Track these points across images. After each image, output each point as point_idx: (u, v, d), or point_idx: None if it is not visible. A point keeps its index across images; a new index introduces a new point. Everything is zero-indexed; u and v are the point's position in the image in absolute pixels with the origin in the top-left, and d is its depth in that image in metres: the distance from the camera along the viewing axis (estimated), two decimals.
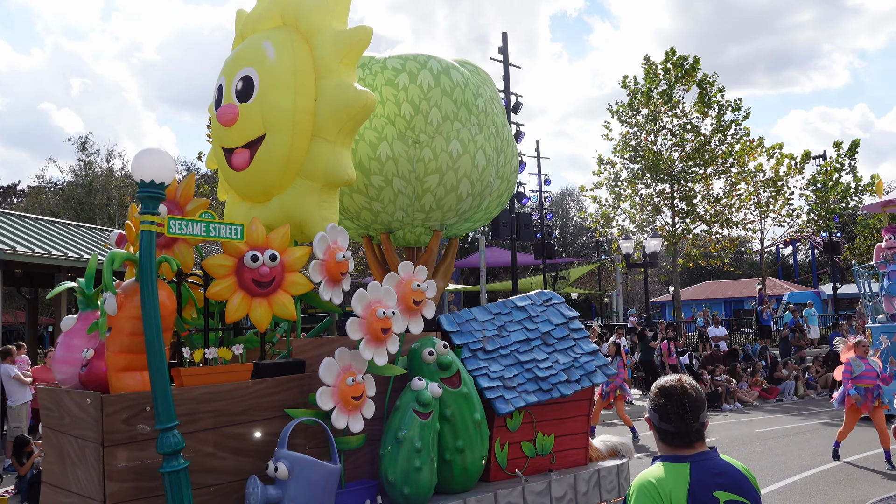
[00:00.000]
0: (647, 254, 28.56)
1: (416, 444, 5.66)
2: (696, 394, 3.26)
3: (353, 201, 7.95)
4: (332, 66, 6.03)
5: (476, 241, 42.86)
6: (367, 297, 5.64)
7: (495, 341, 7.04)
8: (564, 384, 6.90)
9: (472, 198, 7.98)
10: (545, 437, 6.99)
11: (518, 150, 23.04)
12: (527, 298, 7.74)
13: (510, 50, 23.55)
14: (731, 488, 3.09)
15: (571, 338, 7.41)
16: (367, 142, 7.62)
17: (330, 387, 5.45)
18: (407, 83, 7.61)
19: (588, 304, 54.72)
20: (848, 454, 13.13)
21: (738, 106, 30.48)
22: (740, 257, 49.40)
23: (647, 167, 30.66)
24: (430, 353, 6.13)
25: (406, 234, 8.48)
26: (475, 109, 7.88)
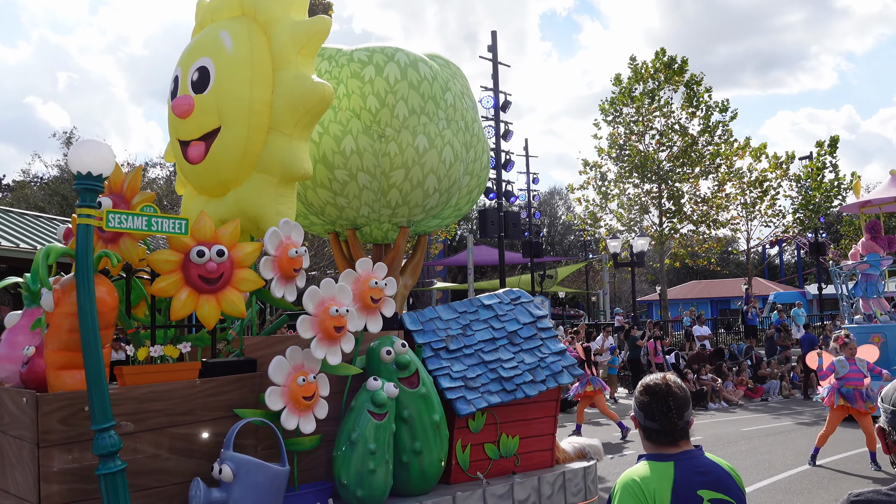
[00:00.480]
0: (635, 253, 28.41)
1: (370, 446, 5.49)
2: (680, 392, 3.22)
3: (318, 196, 7.80)
4: (289, 58, 5.86)
5: (464, 239, 42.67)
6: (319, 295, 5.47)
7: (459, 340, 6.87)
8: (529, 385, 6.74)
9: (439, 194, 7.83)
10: (509, 438, 6.83)
11: (509, 148, 23.08)
12: (494, 297, 7.58)
13: (499, 48, 23.34)
14: (715, 487, 3.07)
15: (538, 337, 7.25)
16: (332, 135, 7.47)
17: (280, 386, 5.28)
18: (373, 76, 7.45)
19: (575, 302, 54.69)
20: (831, 454, 13.03)
21: (725, 107, 30.43)
22: (727, 257, 49.38)
23: (634, 167, 30.52)
24: (388, 352, 5.97)
25: (373, 231, 8.33)
26: (443, 104, 7.73)
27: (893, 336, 15.91)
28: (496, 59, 22.75)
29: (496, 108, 22.40)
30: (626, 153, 30.87)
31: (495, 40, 23.03)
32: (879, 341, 16.14)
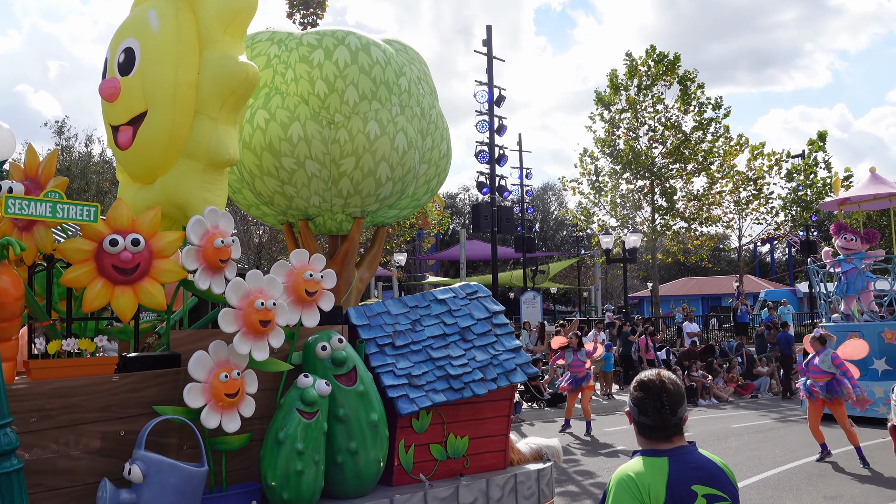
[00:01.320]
0: (627, 249, 28.26)
1: (298, 446, 5.22)
2: (674, 388, 3.23)
3: (266, 185, 7.53)
4: (215, 37, 5.57)
5: (457, 233, 42.45)
6: (244, 287, 5.19)
7: (407, 336, 6.60)
8: (478, 383, 6.45)
9: (392, 183, 7.55)
10: (458, 438, 6.54)
11: (502, 143, 22.77)
12: (449, 291, 7.30)
13: (494, 42, 23.14)
14: (709, 482, 3.10)
15: (493, 333, 6.96)
16: (279, 122, 7.20)
17: (200, 383, 5.01)
18: (322, 60, 7.17)
19: (567, 298, 54.65)
20: (876, 437, 13.10)
21: (718, 104, 30.20)
22: (718, 254, 49.09)
23: (627, 163, 30.27)
24: (324, 347, 5.69)
25: (326, 222, 8.05)
26: (397, 89, 7.44)
27: (871, 335, 15.62)
28: (491, 53, 22.57)
29: (490, 102, 22.20)
30: (619, 149, 30.61)
31: (490, 35, 22.85)
32: None
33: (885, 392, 14.93)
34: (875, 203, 17.41)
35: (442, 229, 32.01)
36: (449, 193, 65.74)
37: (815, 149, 31.88)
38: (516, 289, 38.67)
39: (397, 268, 35.10)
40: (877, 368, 15.51)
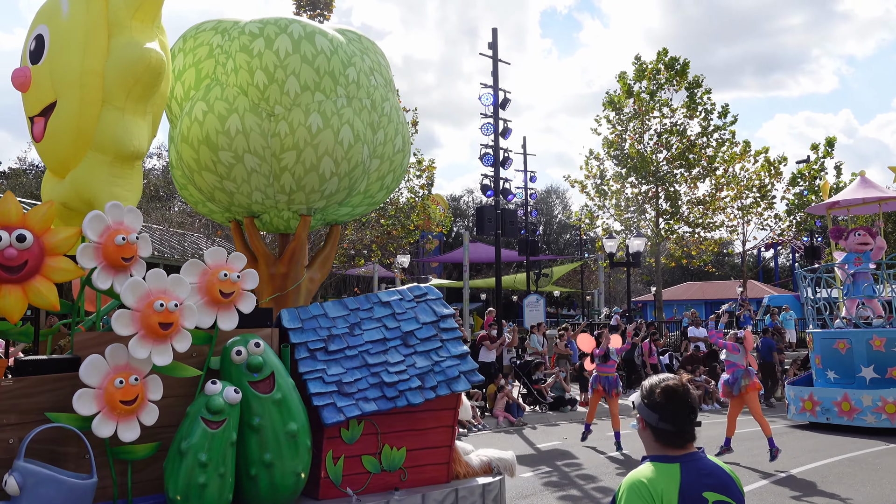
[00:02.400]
0: (631, 253, 27.97)
1: (201, 457, 4.88)
2: (693, 394, 3.26)
3: (205, 180, 7.19)
4: (124, 23, 5.23)
5: (460, 236, 42.12)
6: (142, 287, 4.85)
7: (342, 340, 6.26)
8: (415, 391, 6.08)
9: (338, 178, 7.19)
10: (394, 450, 6.18)
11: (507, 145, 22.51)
12: (396, 293, 6.95)
13: (499, 45, 22.84)
14: (719, 489, 3.08)
15: (439, 338, 6.58)
16: (216, 114, 6.86)
17: (92, 389, 4.69)
18: (262, 49, 6.83)
19: (570, 301, 54.10)
20: (822, 458, 12.61)
21: (725, 111, 29.91)
22: (722, 259, 48.50)
23: (632, 167, 29.94)
24: (238, 352, 5.35)
25: (273, 219, 7.71)
26: (343, 80, 7.09)
27: (859, 342, 15.19)
28: (496, 56, 22.29)
29: (495, 105, 21.70)
30: (625, 152, 30.28)
31: (496, 37, 22.60)
32: (845, 347, 15.46)
33: (874, 401, 14.50)
34: (864, 207, 16.93)
35: (445, 230, 31.66)
36: (453, 196, 65.37)
37: (824, 154, 31.43)
38: (519, 292, 38.29)
39: (401, 270, 34.83)
40: (864, 376, 15.01)
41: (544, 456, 13.14)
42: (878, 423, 14.39)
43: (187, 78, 7.27)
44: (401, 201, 25.38)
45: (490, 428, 16.42)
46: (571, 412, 19.08)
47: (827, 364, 15.75)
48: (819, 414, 15.29)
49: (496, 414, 17.28)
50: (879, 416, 14.36)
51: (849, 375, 15.25)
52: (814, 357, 16.36)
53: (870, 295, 15.43)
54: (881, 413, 14.36)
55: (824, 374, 15.81)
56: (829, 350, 15.71)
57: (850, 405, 14.71)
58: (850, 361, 15.27)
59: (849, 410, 14.74)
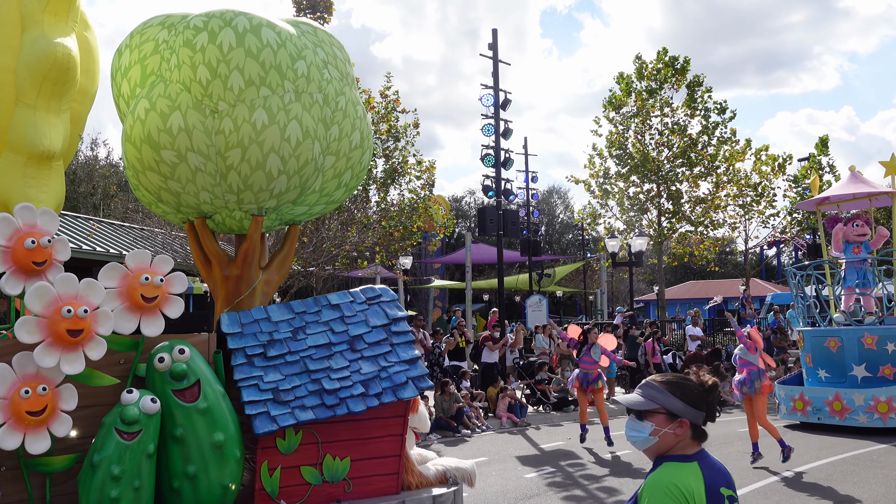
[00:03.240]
0: (633, 253, 27.67)
1: (114, 470, 4.60)
2: None
3: (149, 180, 6.91)
4: (35, 17, 4.98)
5: (462, 237, 41.85)
6: (49, 293, 4.57)
7: (283, 345, 5.97)
8: (357, 399, 5.77)
9: (286, 177, 6.89)
10: (336, 460, 5.88)
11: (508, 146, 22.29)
12: (347, 295, 6.66)
13: (500, 45, 22.70)
14: (728, 484, 3.08)
15: (388, 342, 6.29)
16: (158, 112, 6.58)
17: None
18: (205, 43, 6.53)
19: (573, 301, 53.86)
20: (825, 456, 12.41)
21: (723, 108, 29.67)
22: (725, 258, 48.10)
23: (633, 167, 29.67)
24: (162, 359, 5.07)
25: (225, 220, 7.41)
26: (291, 74, 6.79)
27: (850, 340, 14.80)
28: (496, 57, 22.18)
29: (496, 106, 21.59)
30: (628, 151, 30.00)
31: (496, 38, 22.50)
32: (836, 345, 15.09)
33: (866, 400, 14.09)
34: (854, 203, 16.50)
35: (447, 231, 31.46)
36: (454, 197, 65.14)
37: (819, 152, 31.16)
38: (522, 292, 38.08)
39: (403, 271, 34.60)
40: (856, 375, 14.62)
41: (548, 456, 13.11)
42: (871, 422, 14.00)
43: (133, 75, 7.00)
44: (402, 202, 25.14)
45: (493, 429, 16.37)
46: (575, 412, 18.65)
47: (818, 363, 15.37)
48: (810, 414, 14.91)
49: (499, 415, 17.20)
50: (872, 416, 13.97)
51: (840, 374, 14.87)
52: (804, 355, 15.99)
53: (864, 285, 15.07)
54: (873, 412, 13.97)
55: (815, 372, 15.43)
56: (819, 348, 15.34)
57: (842, 404, 14.33)
58: (841, 360, 14.89)
59: (840, 410, 14.36)
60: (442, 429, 15.64)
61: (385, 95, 23.52)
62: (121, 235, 23.40)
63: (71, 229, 21.29)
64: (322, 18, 25.86)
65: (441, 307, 41.49)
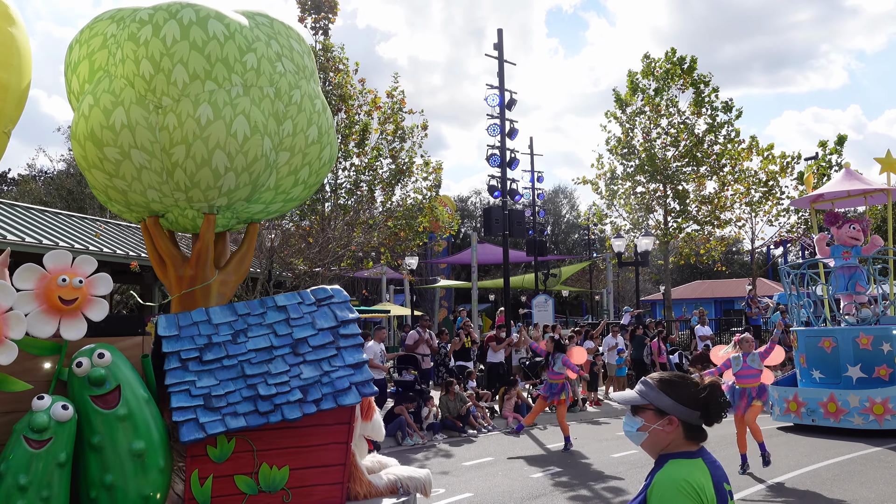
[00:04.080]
0: (639, 252, 27.54)
1: (21, 480, 4.41)
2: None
3: (95, 178, 6.74)
4: None
5: (468, 237, 41.66)
6: None
7: (221, 348, 5.75)
8: (293, 405, 5.53)
9: (234, 174, 6.67)
10: (274, 469, 5.64)
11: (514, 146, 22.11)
12: (296, 297, 6.43)
13: (505, 44, 22.73)
14: (727, 479, 3.13)
15: (335, 346, 6.04)
16: (102, 108, 6.40)
17: None
18: (149, 37, 6.34)
19: (579, 301, 53.53)
20: (830, 457, 12.33)
21: (729, 106, 29.37)
22: (731, 257, 47.72)
23: (640, 166, 29.44)
24: (80, 363, 4.86)
25: (178, 218, 7.20)
26: (240, 67, 6.57)
27: (845, 341, 14.47)
28: (502, 57, 22.28)
29: (501, 106, 21.80)
30: (635, 150, 29.77)
31: (501, 38, 22.55)
32: (830, 346, 14.75)
33: (861, 401, 13.74)
34: (849, 201, 16.14)
35: (453, 231, 31.35)
36: (460, 197, 65.02)
37: (831, 151, 30.74)
38: (528, 292, 37.92)
39: (408, 271, 34.51)
40: (851, 376, 14.27)
41: (554, 456, 13.18)
42: (866, 424, 13.66)
43: (82, 70, 6.83)
44: (408, 202, 25.00)
45: (500, 429, 16.43)
46: (581, 412, 19.18)
47: (812, 363, 15.06)
48: (804, 415, 14.59)
49: (505, 415, 17.24)
50: (867, 418, 13.63)
51: (835, 375, 14.54)
52: (798, 356, 15.67)
53: (856, 291, 14.75)
54: (869, 414, 13.63)
55: (809, 373, 15.12)
56: (814, 349, 15.03)
57: (837, 406, 14.00)
58: (835, 360, 14.56)
59: (835, 411, 14.03)
60: (448, 429, 15.72)
61: (392, 96, 23.39)
62: (127, 236, 23.54)
63: (78, 230, 21.43)
64: (327, 18, 25.73)
65: (447, 307, 41.32)
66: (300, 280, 21.28)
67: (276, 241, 29.63)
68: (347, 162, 23.27)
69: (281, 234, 23.18)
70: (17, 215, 20.25)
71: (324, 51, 22.97)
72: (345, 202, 23.46)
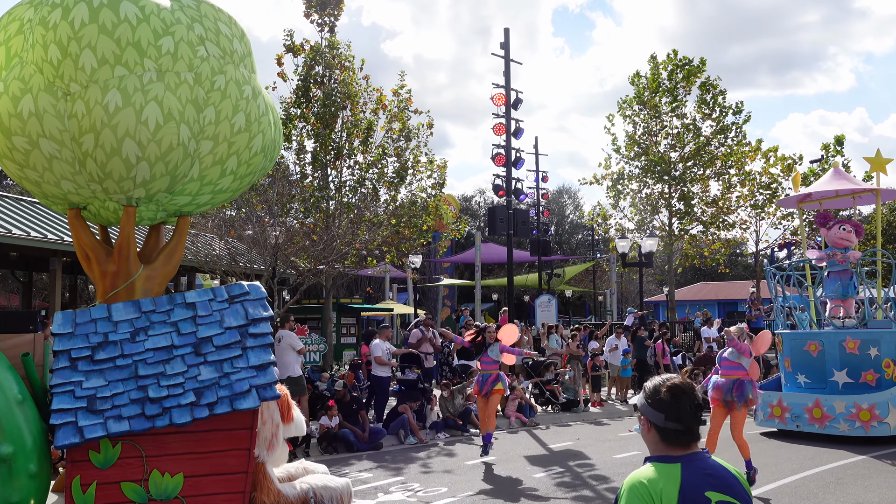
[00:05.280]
0: (643, 253, 27.28)
1: None
2: (698, 392, 3.24)
3: (8, 169, 6.48)
4: None
5: (472, 236, 41.41)
6: None
7: (117, 347, 5.43)
8: (184, 409, 5.19)
9: (148, 163, 6.34)
10: (166, 476, 5.29)
11: (519, 145, 21.93)
12: (209, 293, 6.11)
13: (511, 43, 22.58)
14: (722, 489, 3.03)
15: (241, 346, 5.69)
16: (10, 95, 6.13)
17: None
18: (58, 20, 6.04)
19: (582, 302, 53.22)
20: (838, 459, 12.18)
21: (738, 109, 29.01)
22: (735, 259, 47.24)
23: (647, 166, 29.12)
24: None
25: (100, 211, 6.90)
26: (154, 51, 6.24)
27: (831, 344, 13.99)
28: (508, 56, 22.20)
29: (507, 105, 21.74)
30: (642, 148, 29.45)
31: (507, 38, 22.43)
32: (816, 349, 14.30)
33: (847, 407, 13.26)
34: (837, 201, 15.63)
35: (458, 235, 31.15)
36: (464, 196, 64.77)
37: (834, 152, 30.31)
38: (531, 291, 37.70)
39: (412, 270, 34.31)
40: (837, 381, 13.79)
41: (556, 456, 13.13)
42: (852, 430, 13.18)
43: (0, 57, 6.53)
44: (412, 201, 24.75)
45: (503, 428, 16.37)
46: (584, 412, 19.26)
47: (797, 367, 14.58)
48: (788, 421, 14.13)
49: (508, 415, 17.18)
50: (853, 424, 13.14)
51: (820, 380, 14.06)
52: (783, 359, 15.21)
53: (844, 295, 14.31)
54: (855, 420, 13.13)
55: (794, 378, 14.64)
56: (799, 352, 14.56)
57: (822, 412, 13.54)
58: (821, 365, 14.09)
59: (820, 417, 13.57)
60: (449, 428, 15.70)
61: (398, 94, 23.19)
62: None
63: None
64: (332, 15, 25.43)
65: (450, 306, 41.07)
66: (304, 277, 21.07)
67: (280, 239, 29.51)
68: (352, 160, 23.06)
69: (286, 231, 23.08)
70: (23, 209, 20.32)
71: (330, 48, 22.68)
72: (349, 200, 23.19)
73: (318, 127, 21.82)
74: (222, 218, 20.04)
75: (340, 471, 11.86)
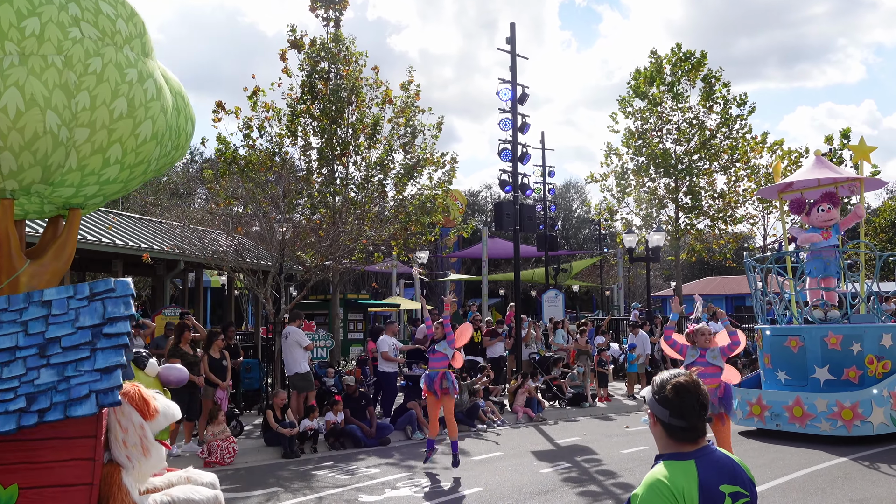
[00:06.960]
0: (650, 248, 26.91)
1: None
2: (704, 389, 3.24)
3: None
4: None
5: (479, 231, 41.01)
6: None
7: None
8: (10, 416, 4.77)
9: (12, 153, 5.94)
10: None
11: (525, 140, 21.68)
12: (69, 290, 5.69)
13: (518, 37, 22.33)
14: (732, 480, 3.09)
15: (90, 346, 5.26)
16: None
17: None
18: None
19: (589, 297, 52.70)
20: (845, 454, 11.95)
21: (743, 101, 28.47)
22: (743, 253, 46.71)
23: (651, 161, 28.63)
24: None
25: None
26: (16, 34, 5.85)
27: (812, 340, 13.31)
28: (514, 51, 21.84)
29: (513, 100, 21.41)
30: (646, 143, 28.96)
31: (513, 32, 22.10)
32: (797, 345, 13.66)
33: (829, 405, 12.56)
34: (819, 191, 14.93)
35: (465, 234, 30.88)
36: (471, 191, 64.34)
37: (840, 146, 29.59)
38: (538, 286, 37.37)
39: (419, 265, 34.04)
40: (818, 378, 13.09)
41: (564, 451, 13.11)
42: (834, 430, 12.48)
43: None
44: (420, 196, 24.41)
45: (510, 423, 16.57)
46: (591, 408, 19.30)
47: (777, 364, 13.88)
48: (768, 420, 13.45)
49: (515, 409, 17.31)
50: (835, 423, 12.44)
51: (801, 377, 13.37)
52: (762, 356, 14.55)
53: (830, 274, 13.67)
54: (837, 419, 12.44)
55: (774, 375, 13.94)
56: (779, 348, 13.86)
57: (803, 410, 12.86)
58: (802, 361, 13.39)
59: (801, 416, 12.90)
60: (457, 423, 15.24)
61: (406, 89, 22.89)
62: (140, 228, 23.70)
63: (91, 222, 21.32)
64: (337, 10, 25.02)
65: (456, 301, 40.71)
66: (311, 273, 20.84)
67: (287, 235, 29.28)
68: (358, 156, 22.76)
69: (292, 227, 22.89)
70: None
71: (335, 42, 22.38)
72: (356, 196, 22.92)
73: (325, 123, 21.60)
74: (229, 214, 19.99)
75: (348, 466, 11.93)
